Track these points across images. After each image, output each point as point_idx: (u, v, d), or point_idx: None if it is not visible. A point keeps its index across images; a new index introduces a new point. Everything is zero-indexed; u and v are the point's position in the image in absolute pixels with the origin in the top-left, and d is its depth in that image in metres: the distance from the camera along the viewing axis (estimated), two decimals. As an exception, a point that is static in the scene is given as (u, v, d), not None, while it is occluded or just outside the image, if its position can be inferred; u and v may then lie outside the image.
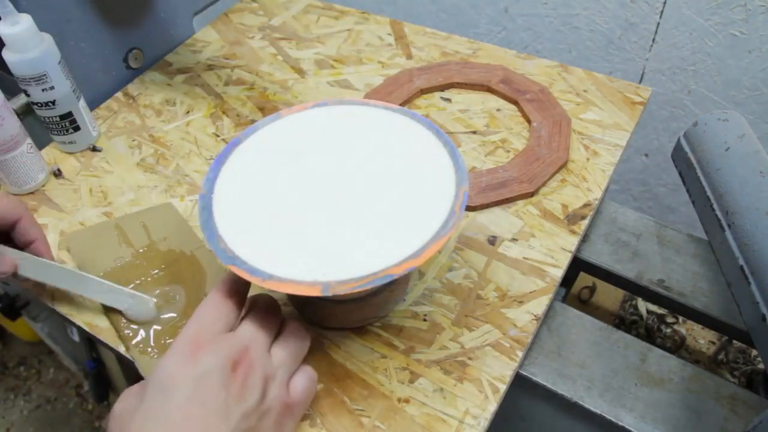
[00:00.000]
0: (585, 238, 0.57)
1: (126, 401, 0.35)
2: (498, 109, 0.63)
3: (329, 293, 0.34)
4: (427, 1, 0.97)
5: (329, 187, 0.41)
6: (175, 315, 0.47)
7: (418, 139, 0.43)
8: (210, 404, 0.33)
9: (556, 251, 0.50)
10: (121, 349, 0.46)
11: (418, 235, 0.37)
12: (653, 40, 0.82)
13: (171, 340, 0.45)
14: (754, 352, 0.65)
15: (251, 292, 0.39)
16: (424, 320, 0.47)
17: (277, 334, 0.39)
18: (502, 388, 0.43)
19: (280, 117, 0.46)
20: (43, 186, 0.58)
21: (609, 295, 0.70)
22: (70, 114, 0.58)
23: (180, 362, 0.34)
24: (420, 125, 0.44)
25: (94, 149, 0.62)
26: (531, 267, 0.50)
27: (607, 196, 0.61)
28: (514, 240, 0.52)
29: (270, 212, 0.39)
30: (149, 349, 0.45)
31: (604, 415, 0.46)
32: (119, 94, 0.68)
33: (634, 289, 0.55)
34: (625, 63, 0.86)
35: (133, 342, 0.45)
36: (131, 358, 0.45)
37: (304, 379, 0.39)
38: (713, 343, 0.66)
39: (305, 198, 0.40)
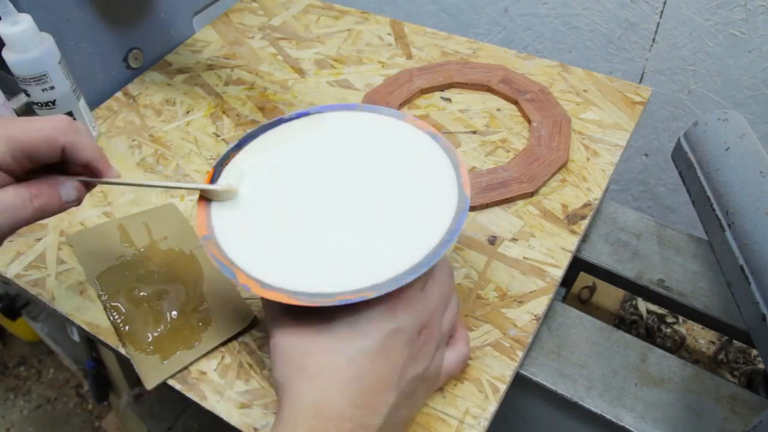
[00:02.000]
0: (585, 238, 0.57)
1: (299, 317, 0.36)
2: (498, 109, 0.63)
3: (246, 288, 0.36)
4: (427, 1, 0.97)
5: (324, 196, 0.40)
6: (175, 313, 0.47)
7: (437, 173, 0.41)
8: (393, 359, 0.35)
9: (556, 251, 0.50)
10: (121, 350, 0.46)
11: (376, 273, 0.35)
12: (653, 40, 0.82)
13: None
14: (754, 352, 0.65)
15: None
16: (424, 320, 0.46)
17: None
18: (502, 388, 0.43)
19: (282, 122, 0.45)
20: (43, 186, 0.58)
21: (609, 295, 0.70)
22: (70, 114, 0.58)
23: (380, 312, 0.35)
24: (449, 163, 0.41)
25: (94, 149, 0.62)
26: (531, 267, 0.50)
27: (607, 196, 0.61)
28: (514, 240, 0.52)
29: (259, 207, 0.40)
30: (147, 347, 0.45)
31: (604, 415, 0.46)
32: (119, 94, 0.68)
33: (634, 289, 0.55)
34: (625, 63, 0.86)
35: (131, 341, 0.45)
36: (128, 356, 0.45)
37: (457, 359, 0.41)
38: (713, 343, 0.66)
39: (297, 200, 0.40)
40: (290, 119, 0.45)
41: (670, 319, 0.69)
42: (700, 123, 0.47)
